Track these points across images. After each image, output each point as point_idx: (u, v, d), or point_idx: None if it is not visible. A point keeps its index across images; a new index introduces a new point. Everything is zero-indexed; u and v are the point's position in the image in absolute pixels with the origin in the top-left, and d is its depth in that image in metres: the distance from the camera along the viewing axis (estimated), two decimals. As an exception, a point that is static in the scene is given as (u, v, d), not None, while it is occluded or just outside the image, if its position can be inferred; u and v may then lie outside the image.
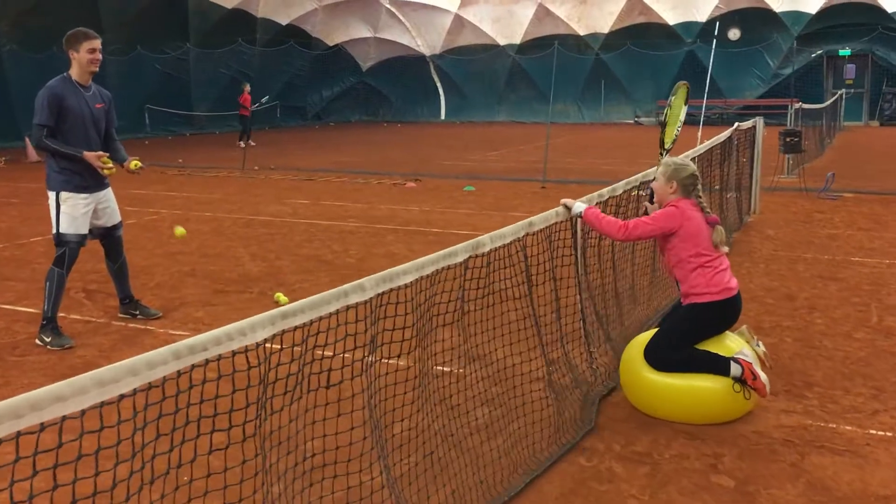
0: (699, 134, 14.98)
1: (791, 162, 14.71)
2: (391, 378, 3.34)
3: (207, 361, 2.17)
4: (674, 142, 5.74)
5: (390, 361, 3.33)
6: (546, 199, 12.53)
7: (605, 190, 5.17)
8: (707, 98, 16.56)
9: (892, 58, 30.44)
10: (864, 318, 6.18)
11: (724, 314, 4.49)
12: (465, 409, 4.00)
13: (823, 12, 30.37)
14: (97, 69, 5.73)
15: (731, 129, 9.46)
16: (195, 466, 2.51)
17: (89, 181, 5.78)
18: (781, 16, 30.99)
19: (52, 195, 5.74)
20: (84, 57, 5.63)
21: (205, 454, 2.40)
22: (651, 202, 5.27)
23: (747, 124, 10.43)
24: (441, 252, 3.35)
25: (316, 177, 15.83)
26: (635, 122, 34.20)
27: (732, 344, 4.46)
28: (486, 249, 3.70)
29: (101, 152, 5.70)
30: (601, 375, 4.87)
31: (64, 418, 1.80)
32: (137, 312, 6.28)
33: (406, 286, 3.10)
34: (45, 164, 5.83)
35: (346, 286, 2.76)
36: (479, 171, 16.59)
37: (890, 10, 29.46)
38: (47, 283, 5.69)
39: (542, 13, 33.91)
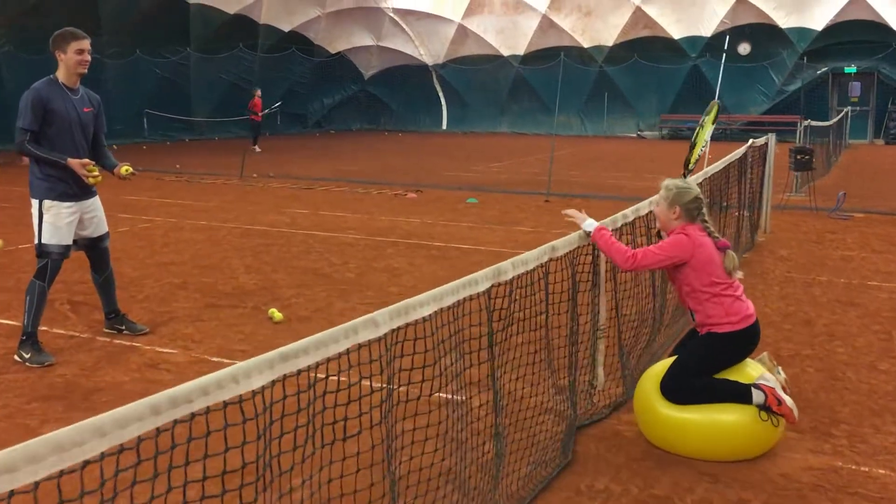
0: (706, 150, 14.70)
1: (799, 180, 14.44)
2: (409, 423, 3.03)
3: (193, 416, 1.86)
4: (696, 162, 5.45)
5: (408, 405, 3.00)
6: (550, 213, 12.24)
7: (629, 210, 4.88)
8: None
9: (897, 76, 30.25)
10: (887, 347, 5.88)
11: (744, 343, 4.20)
12: (474, 443, 3.70)
13: (829, 29, 30.16)
14: (86, 71, 5.43)
15: (745, 146, 9.17)
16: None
17: (74, 189, 5.48)
18: (787, 32, 30.78)
19: (34, 203, 5.44)
20: (72, 58, 5.34)
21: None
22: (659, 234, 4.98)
23: (760, 141, 10.15)
24: (461, 280, 3.05)
25: (315, 186, 15.53)
26: (638, 135, 33.95)
27: (751, 370, 4.17)
28: (509, 277, 3.39)
29: (86, 160, 5.39)
30: (597, 406, 4.59)
31: (11, 493, 1.48)
32: (123, 328, 5.97)
33: (424, 320, 2.78)
34: (29, 170, 5.53)
35: (355, 321, 2.46)
36: (481, 182, 16.31)
37: (896, 27, 29.25)
38: (27, 297, 5.39)
39: (546, 24, 33.70)
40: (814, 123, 16.66)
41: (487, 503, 3.31)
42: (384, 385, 2.64)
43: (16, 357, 5.37)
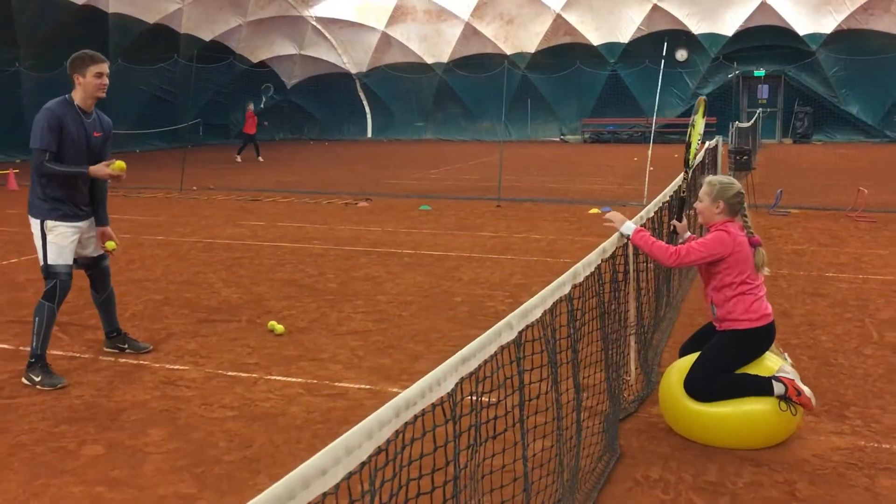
0: (649, 152, 15.24)
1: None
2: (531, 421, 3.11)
3: (416, 418, 1.94)
4: (696, 159, 5.67)
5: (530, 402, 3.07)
6: (505, 217, 12.47)
7: (645, 211, 5.09)
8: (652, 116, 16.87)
9: (802, 78, 31.82)
10: (865, 334, 6.27)
11: (762, 340, 4.43)
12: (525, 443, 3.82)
13: (739, 34, 31.53)
14: (104, 95, 5.34)
15: (703, 149, 9.57)
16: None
17: (76, 210, 5.38)
18: (700, 38, 32.02)
19: (35, 223, 5.30)
20: (91, 82, 5.25)
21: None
22: (679, 220, 5.22)
23: (711, 143, 10.60)
24: (552, 285, 3.15)
25: (261, 197, 15.36)
26: (561, 139, 34.71)
27: (770, 363, 4.41)
28: (581, 279, 3.53)
29: (105, 161, 5.32)
30: (627, 400, 4.78)
31: (325, 495, 1.54)
32: (126, 346, 5.85)
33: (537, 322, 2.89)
34: (30, 190, 5.39)
35: (497, 326, 2.54)
36: (426, 189, 16.42)
37: (801, 33, 30.80)
38: (36, 319, 5.24)
39: (470, 32, 34.11)
40: (741, 125, 17.45)
41: (568, 500, 3.43)
42: (518, 387, 2.72)
43: (24, 380, 5.21)
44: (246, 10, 32.18)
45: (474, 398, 2.37)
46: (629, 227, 4.48)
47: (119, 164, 5.43)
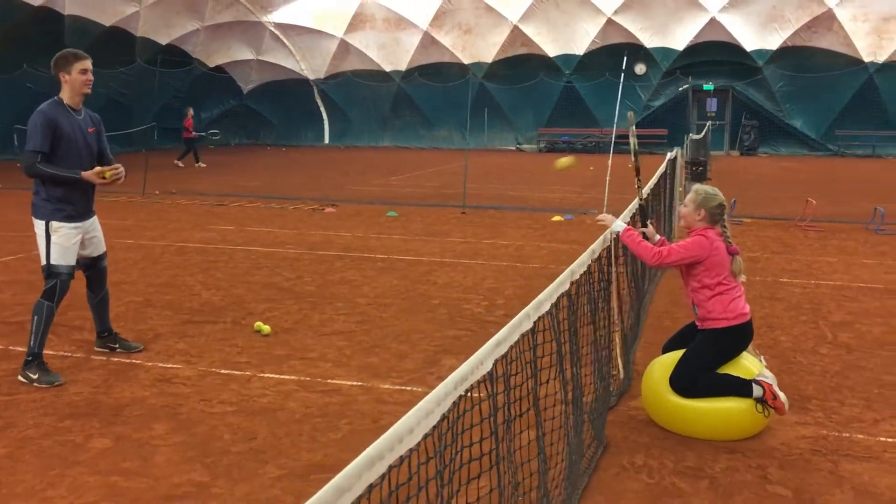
0: (609, 162, 15.66)
1: (685, 189, 15.62)
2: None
3: (461, 397, 2.18)
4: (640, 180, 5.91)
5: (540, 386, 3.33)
6: (471, 224, 12.77)
7: (625, 214, 5.40)
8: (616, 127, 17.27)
9: (749, 92, 32.83)
10: (819, 335, 6.69)
11: (740, 338, 4.77)
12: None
13: (690, 49, 32.41)
14: (90, 91, 5.47)
15: (666, 160, 10.00)
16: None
17: (79, 210, 5.51)
18: (652, 51, 32.83)
19: (40, 224, 5.41)
20: (77, 79, 5.38)
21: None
22: (645, 225, 5.54)
23: (671, 154, 11.04)
24: (553, 284, 3.41)
25: (227, 202, 15.41)
26: (517, 148, 35.20)
27: (749, 364, 4.75)
28: (577, 276, 3.81)
29: (97, 168, 5.43)
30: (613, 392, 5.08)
31: (410, 451, 1.78)
32: (117, 346, 5.97)
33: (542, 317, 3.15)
34: (33, 191, 5.49)
35: (519, 316, 2.80)
36: (391, 196, 16.64)
37: (749, 49, 31.81)
38: (35, 318, 5.34)
39: (428, 41, 34.43)
40: (694, 137, 18.03)
41: (563, 487, 3.71)
42: (533, 371, 2.98)
43: (21, 378, 5.31)
44: (203, 14, 32.04)
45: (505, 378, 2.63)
46: (620, 224, 4.79)
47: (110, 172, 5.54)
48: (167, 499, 3.76)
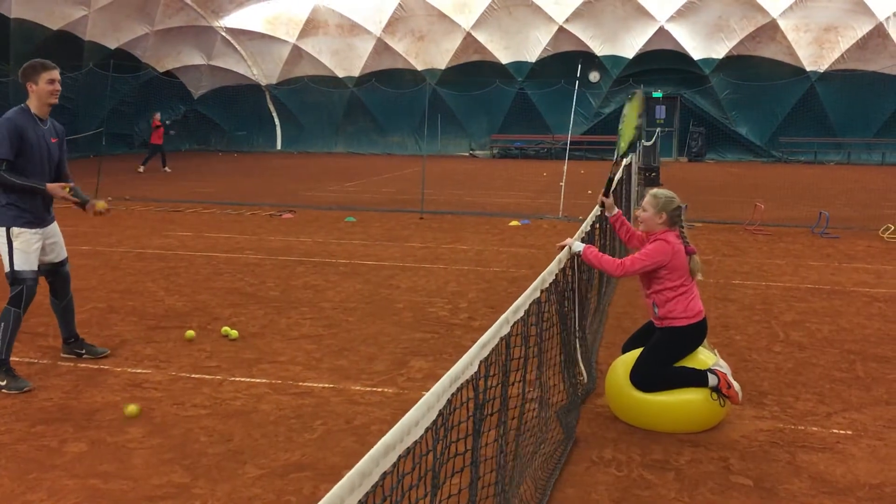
0: (565, 168, 15.96)
1: (637, 194, 15.97)
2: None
3: (459, 389, 2.29)
4: (630, 147, 6.13)
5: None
6: (430, 229, 12.88)
7: (583, 226, 5.57)
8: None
9: (697, 100, 33.58)
10: (772, 333, 6.96)
11: (697, 334, 4.99)
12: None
13: (639, 57, 33.04)
14: (56, 101, 5.48)
15: (622, 165, 10.22)
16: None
17: (38, 216, 5.50)
18: (602, 59, 33.36)
19: (1, 231, 5.38)
20: (44, 88, 5.39)
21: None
22: (607, 196, 5.67)
23: (626, 160, 11.29)
24: (528, 291, 3.54)
25: (182, 208, 15.28)
26: (471, 154, 35.45)
27: (704, 357, 4.96)
28: (548, 284, 3.94)
29: (62, 183, 5.46)
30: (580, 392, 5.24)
31: (415, 443, 1.89)
32: (83, 352, 5.96)
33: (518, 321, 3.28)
34: None
35: (499, 321, 2.92)
36: (348, 202, 16.67)
37: (696, 57, 32.55)
38: (2, 324, 5.32)
39: (381, 47, 34.49)
40: (645, 143, 18.42)
41: (533, 478, 3.85)
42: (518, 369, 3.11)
43: (-12, 385, 5.27)
44: (153, 18, 31.65)
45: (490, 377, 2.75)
46: (578, 245, 4.95)
47: (102, 203, 5.77)
48: (149, 500, 3.80)
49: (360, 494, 1.56)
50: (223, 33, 34.53)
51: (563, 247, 4.96)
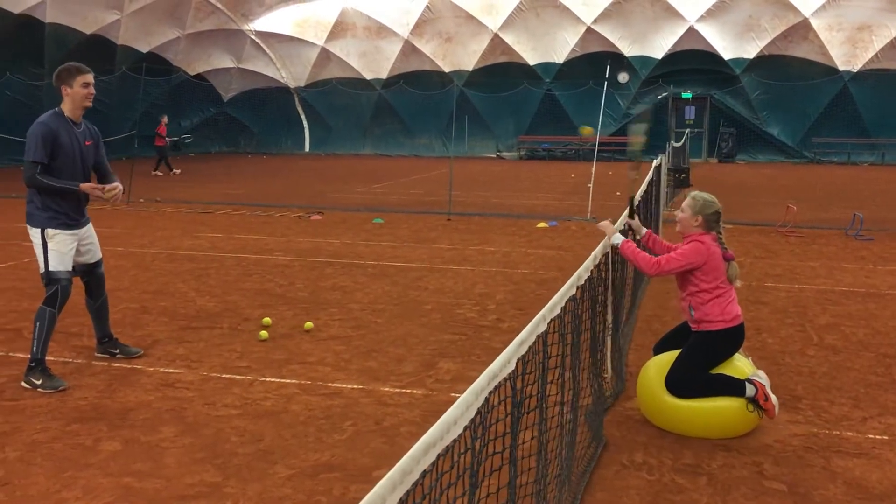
0: (593, 169, 15.89)
1: (667, 196, 15.86)
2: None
3: (496, 387, 2.28)
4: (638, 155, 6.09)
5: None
6: (458, 230, 12.88)
7: (619, 222, 5.54)
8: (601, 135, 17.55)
9: (727, 101, 33.29)
10: (806, 337, 6.87)
11: (734, 340, 4.92)
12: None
13: (668, 57, 32.81)
14: (91, 104, 5.56)
15: (652, 167, 10.17)
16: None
17: (73, 217, 5.57)
18: (631, 60, 33.19)
19: (35, 232, 5.46)
20: (79, 92, 5.47)
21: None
22: (632, 218, 5.66)
23: (656, 161, 11.22)
24: (564, 287, 3.53)
25: (212, 210, 15.43)
26: (497, 156, 35.42)
27: (741, 365, 4.90)
28: (584, 280, 3.92)
29: (94, 183, 5.54)
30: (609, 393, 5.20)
31: (446, 449, 1.88)
32: (117, 351, 6.03)
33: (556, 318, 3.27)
34: (27, 200, 5.55)
35: (535, 318, 2.90)
36: (375, 203, 16.74)
37: (726, 57, 32.26)
38: (37, 324, 5.39)
39: (409, 49, 34.60)
40: (674, 144, 18.30)
41: (566, 481, 3.82)
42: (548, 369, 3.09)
43: (24, 384, 5.35)
44: (185, 22, 32.01)
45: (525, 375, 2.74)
46: (618, 237, 4.92)
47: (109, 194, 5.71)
48: (181, 499, 3.83)
49: (402, 493, 1.56)
50: (253, 36, 34.83)
51: (602, 229, 4.93)
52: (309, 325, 6.92)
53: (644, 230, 5.60)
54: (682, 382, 4.71)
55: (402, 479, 1.57)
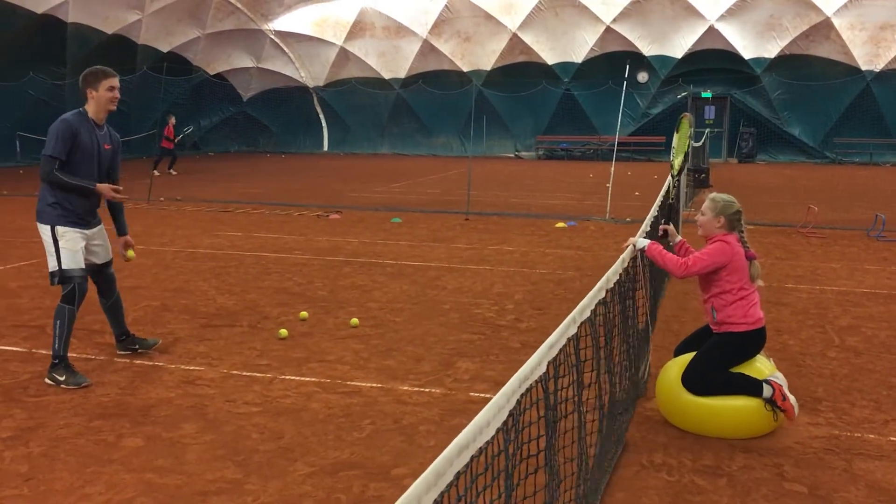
0: (612, 169, 15.85)
1: (686, 196, 15.77)
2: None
3: (526, 391, 2.29)
4: (681, 170, 6.12)
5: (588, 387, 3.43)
6: (475, 230, 12.89)
7: (643, 227, 5.53)
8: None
9: (747, 100, 33.05)
10: (827, 339, 6.82)
11: (755, 342, 4.89)
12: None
13: (688, 57, 32.63)
14: (115, 108, 5.62)
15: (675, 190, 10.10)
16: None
17: (83, 217, 5.63)
18: (650, 59, 33.03)
19: (45, 229, 5.51)
20: (104, 95, 5.53)
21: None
22: (667, 223, 5.65)
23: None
24: (594, 290, 3.53)
25: (231, 209, 15.52)
26: (516, 155, 35.38)
27: (761, 366, 4.88)
28: (612, 284, 3.92)
29: (110, 185, 5.61)
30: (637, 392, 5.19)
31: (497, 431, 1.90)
32: (137, 347, 6.09)
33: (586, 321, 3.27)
34: (39, 197, 5.62)
35: (566, 321, 2.90)
36: (394, 203, 16.78)
37: (747, 57, 32.04)
38: (57, 321, 5.44)
39: (427, 49, 34.63)
40: (694, 145, 18.18)
41: (589, 480, 3.82)
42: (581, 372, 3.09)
43: (47, 380, 5.41)
44: (205, 22, 32.22)
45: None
46: (643, 241, 4.92)
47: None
48: (203, 495, 3.86)
49: (436, 493, 1.58)
50: (272, 36, 35.00)
51: (627, 246, 4.93)
52: (284, 332, 6.67)
53: (679, 237, 5.58)
54: (699, 379, 4.71)
55: (436, 481, 1.59)
